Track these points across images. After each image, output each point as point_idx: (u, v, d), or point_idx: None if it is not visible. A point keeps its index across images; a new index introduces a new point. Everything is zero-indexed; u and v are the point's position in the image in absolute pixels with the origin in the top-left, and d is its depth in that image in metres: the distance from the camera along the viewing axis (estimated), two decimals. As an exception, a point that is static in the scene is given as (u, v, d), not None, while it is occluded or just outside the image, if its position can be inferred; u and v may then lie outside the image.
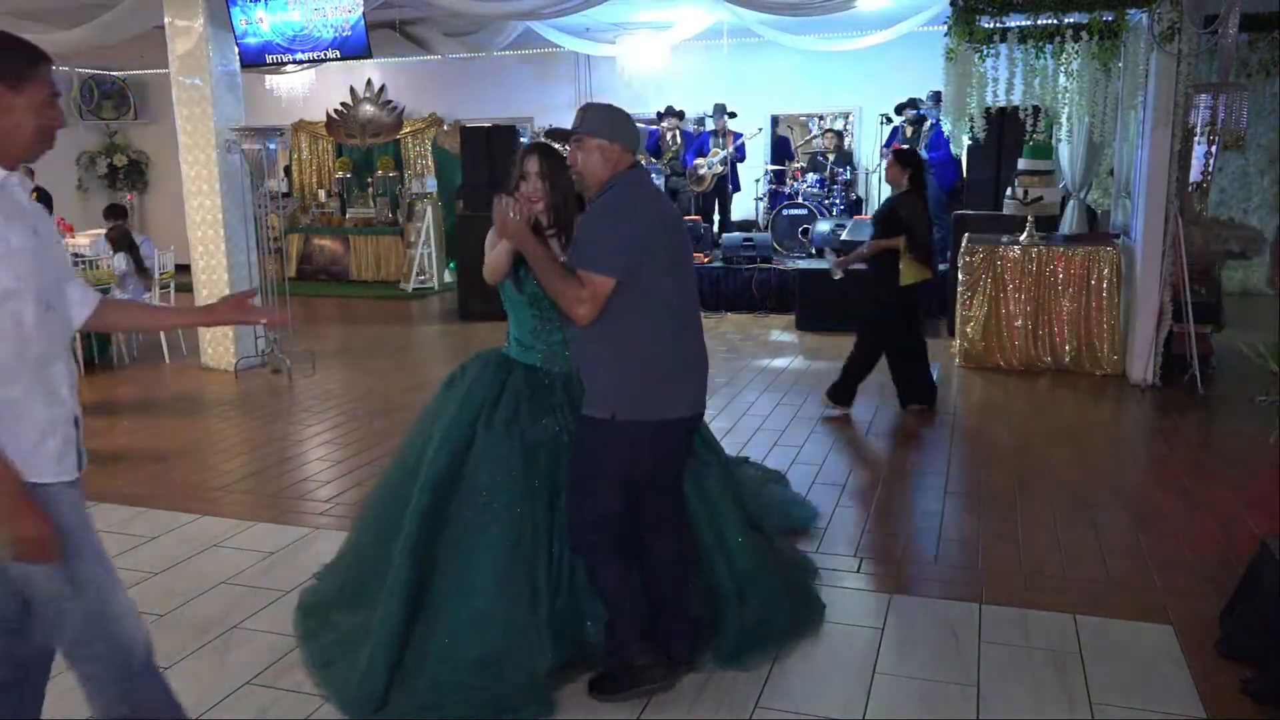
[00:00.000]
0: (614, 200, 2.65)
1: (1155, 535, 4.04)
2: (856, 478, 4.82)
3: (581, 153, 2.70)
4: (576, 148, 2.71)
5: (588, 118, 2.71)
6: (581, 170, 2.72)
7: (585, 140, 2.69)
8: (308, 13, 7.57)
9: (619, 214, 2.64)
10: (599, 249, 2.60)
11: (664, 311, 2.67)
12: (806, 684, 2.95)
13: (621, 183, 2.68)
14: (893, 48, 9.76)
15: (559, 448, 2.98)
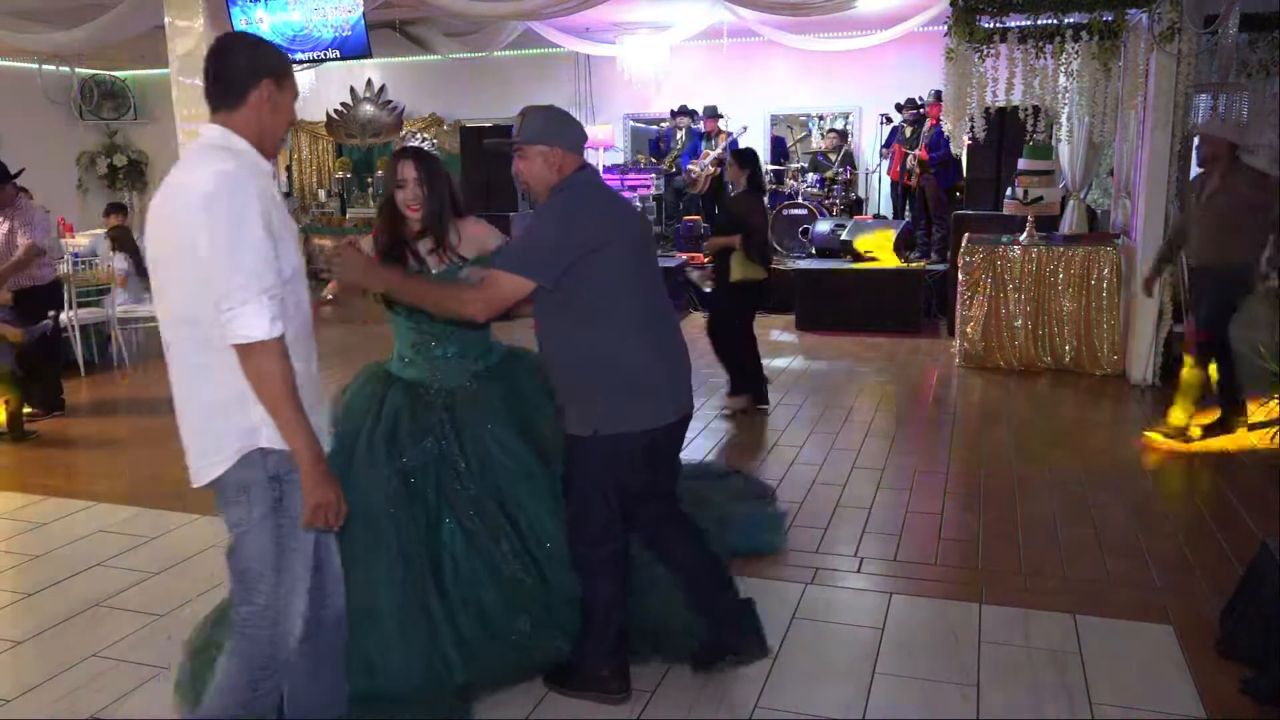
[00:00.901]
0: (559, 205, 2.59)
1: (1155, 535, 4.04)
2: (856, 477, 4.82)
3: (524, 161, 2.62)
4: (518, 157, 2.63)
5: (526, 124, 2.63)
6: (527, 179, 2.64)
7: (525, 149, 2.61)
8: (308, 13, 7.57)
9: (560, 219, 2.56)
10: (524, 253, 2.55)
11: (631, 315, 2.60)
12: (806, 684, 2.95)
13: (569, 186, 2.61)
14: (893, 48, 9.77)
15: (441, 469, 2.88)
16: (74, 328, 7.35)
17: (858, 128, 11.66)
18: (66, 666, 3.12)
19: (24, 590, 3.72)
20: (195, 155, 2.04)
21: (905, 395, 6.45)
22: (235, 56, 2.06)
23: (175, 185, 2.03)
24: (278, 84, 2.08)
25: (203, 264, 1.94)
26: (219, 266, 1.92)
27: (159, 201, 2.06)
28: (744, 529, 3.89)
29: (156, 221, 2.07)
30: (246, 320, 1.92)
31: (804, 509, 4.39)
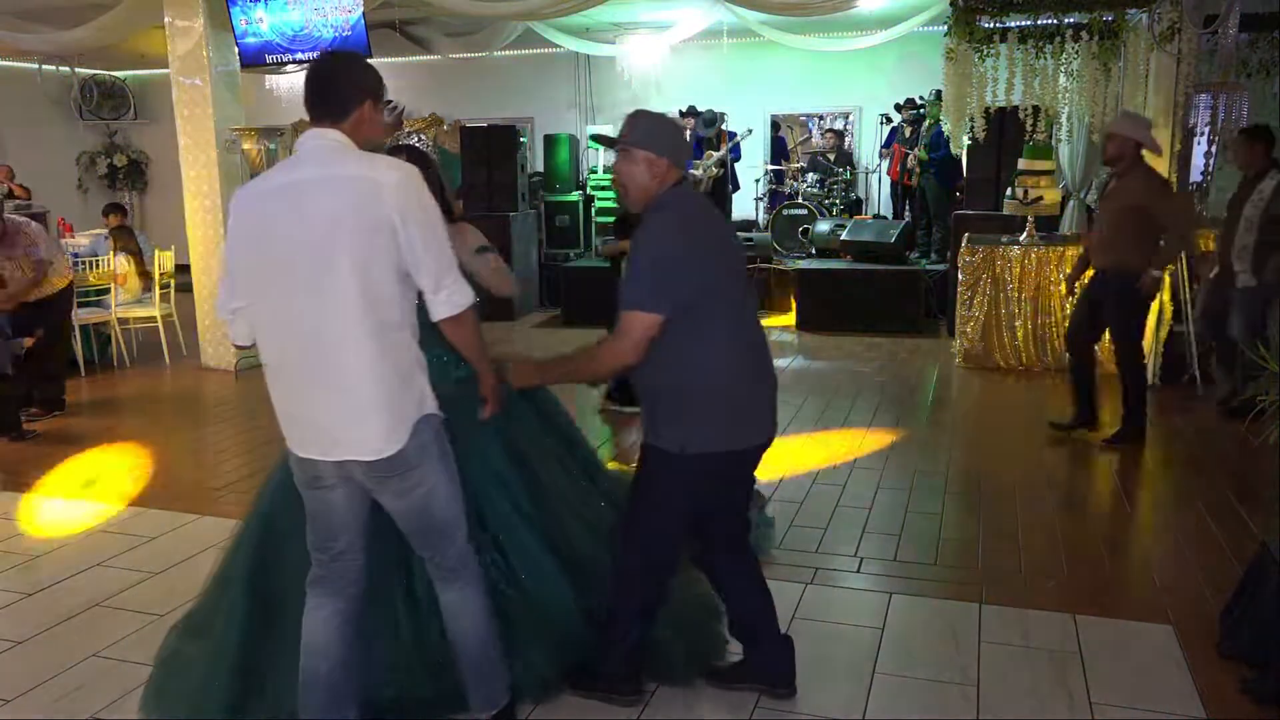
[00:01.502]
0: (662, 227, 2.48)
1: (1155, 535, 4.04)
2: (856, 478, 4.82)
3: (627, 164, 2.51)
4: (622, 158, 2.53)
5: (637, 126, 2.53)
6: (625, 183, 2.53)
7: (632, 151, 2.50)
8: (308, 13, 7.56)
9: (668, 243, 2.46)
10: (644, 288, 2.41)
11: (727, 337, 2.52)
12: (806, 684, 2.94)
13: (670, 203, 2.51)
14: (893, 48, 9.76)
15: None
16: (74, 327, 7.34)
17: (858, 128, 11.65)
18: (66, 666, 3.12)
19: (24, 590, 3.72)
20: (332, 153, 2.20)
21: (905, 395, 6.45)
22: (344, 74, 2.28)
23: (329, 179, 2.15)
24: (375, 103, 2.31)
25: (398, 250, 2.16)
26: (431, 250, 2.20)
27: (296, 198, 2.15)
28: None
29: (307, 217, 2.14)
30: (460, 291, 2.27)
31: (804, 509, 4.39)
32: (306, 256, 2.14)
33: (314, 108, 2.25)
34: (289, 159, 2.27)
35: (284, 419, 2.32)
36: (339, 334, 2.16)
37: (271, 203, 2.19)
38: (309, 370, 2.21)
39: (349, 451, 2.24)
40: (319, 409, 2.23)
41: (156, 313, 7.82)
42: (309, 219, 2.13)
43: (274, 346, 2.26)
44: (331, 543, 2.41)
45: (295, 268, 2.15)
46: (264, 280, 2.21)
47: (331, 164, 2.18)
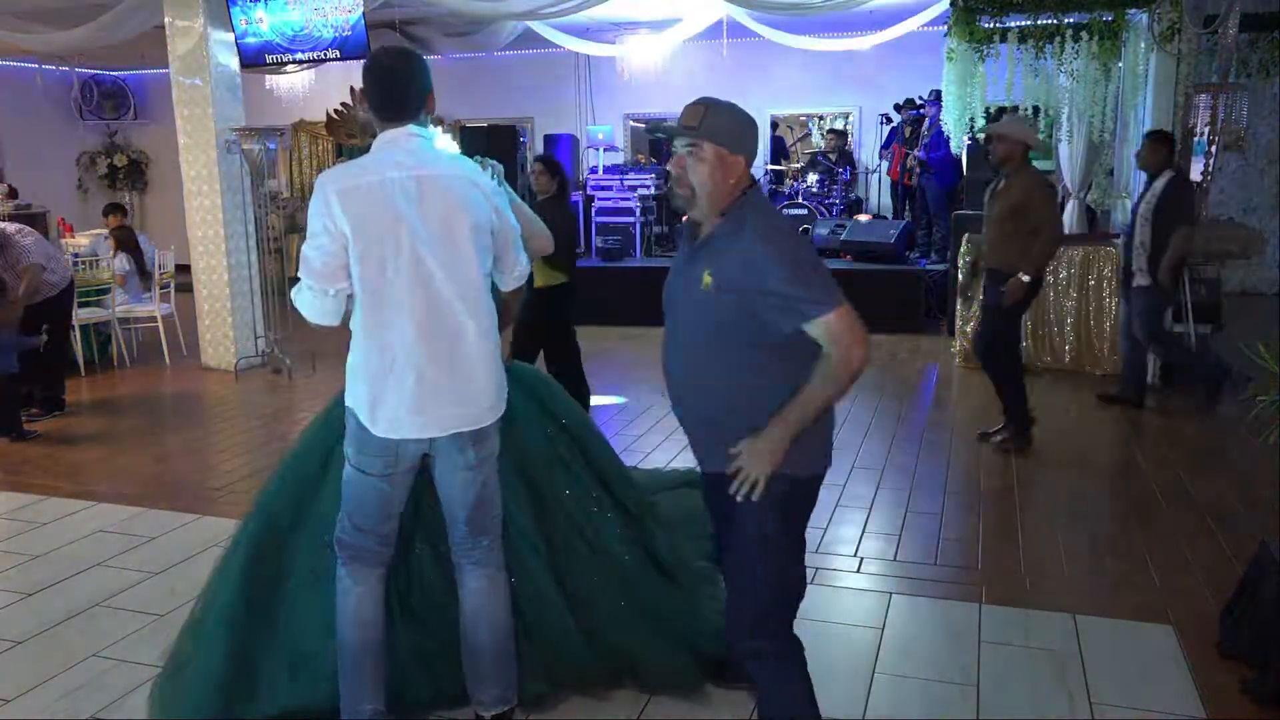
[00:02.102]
0: (778, 225, 2.19)
1: (1155, 535, 4.04)
2: (856, 478, 4.82)
3: (698, 161, 2.13)
4: (690, 153, 2.14)
5: (710, 118, 2.13)
6: (691, 183, 2.14)
7: (705, 147, 2.12)
8: (308, 13, 7.56)
9: (798, 238, 2.24)
10: (821, 282, 2.07)
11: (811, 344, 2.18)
12: (806, 684, 2.95)
13: (760, 207, 2.18)
14: (893, 48, 9.76)
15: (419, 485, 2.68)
16: (74, 327, 7.34)
17: (858, 128, 11.65)
18: (66, 666, 3.12)
19: (24, 590, 3.72)
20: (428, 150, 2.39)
21: (905, 395, 6.45)
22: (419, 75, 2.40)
23: (448, 177, 2.36)
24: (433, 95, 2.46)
25: (493, 237, 2.46)
26: (511, 234, 2.55)
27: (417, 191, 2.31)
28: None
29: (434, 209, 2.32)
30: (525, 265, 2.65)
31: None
32: (438, 244, 2.32)
33: (390, 109, 2.37)
34: (384, 152, 2.34)
35: (392, 400, 2.36)
36: (464, 314, 2.37)
37: (391, 193, 2.28)
38: (439, 348, 2.35)
39: (461, 423, 2.40)
40: (444, 384, 2.36)
41: (157, 312, 7.82)
42: (436, 209, 2.32)
43: (404, 327, 2.33)
44: (384, 525, 2.50)
45: (429, 255, 2.31)
46: (398, 265, 2.30)
47: (438, 161, 2.38)
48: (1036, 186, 4.90)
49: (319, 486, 2.83)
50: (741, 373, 2.15)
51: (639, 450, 5.27)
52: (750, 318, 2.09)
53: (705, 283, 2.11)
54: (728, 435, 2.17)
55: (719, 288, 2.10)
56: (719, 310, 2.11)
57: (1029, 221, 4.84)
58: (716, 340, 2.14)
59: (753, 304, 2.06)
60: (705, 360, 2.18)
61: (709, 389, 2.20)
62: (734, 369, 2.15)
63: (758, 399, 2.15)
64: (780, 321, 2.07)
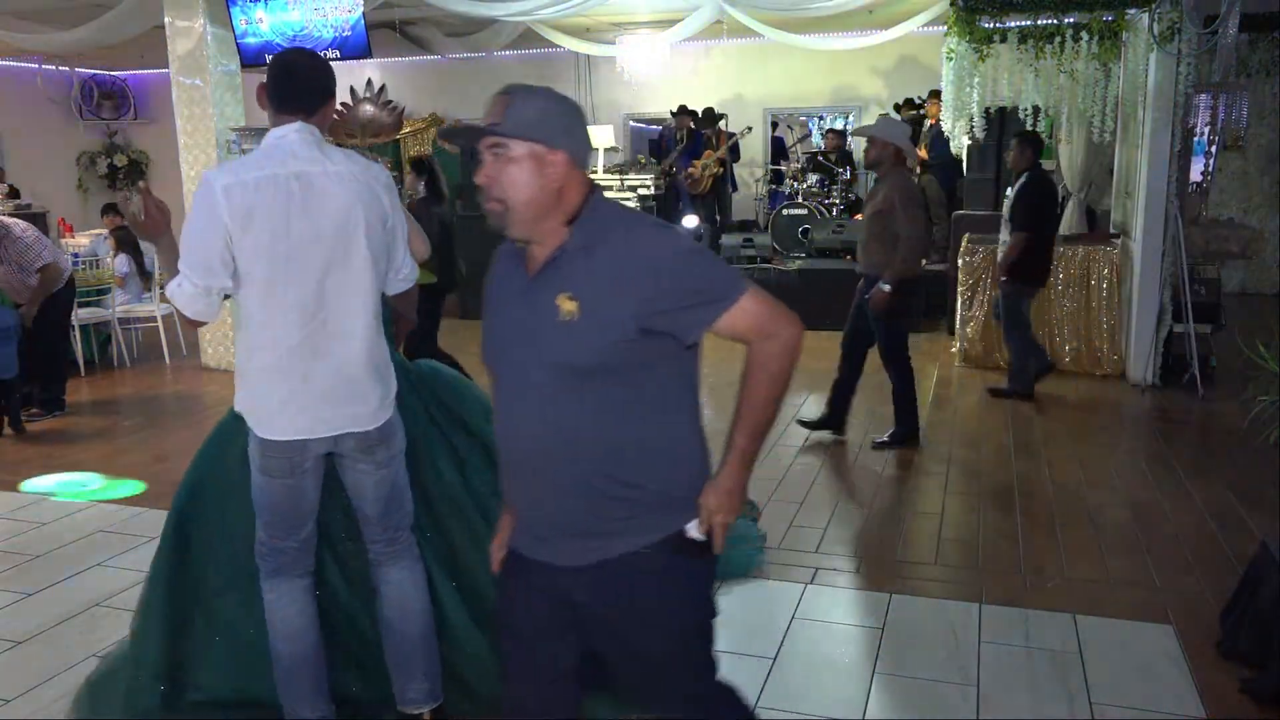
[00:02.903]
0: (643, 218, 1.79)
1: (1155, 535, 4.04)
2: (856, 478, 4.82)
3: (508, 164, 1.68)
4: (496, 156, 1.69)
5: (520, 109, 1.68)
6: (502, 195, 1.68)
7: (511, 146, 1.68)
8: (308, 13, 7.56)
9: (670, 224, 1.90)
10: (722, 262, 1.82)
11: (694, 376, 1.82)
12: (806, 684, 2.95)
13: (617, 209, 1.79)
14: (893, 48, 9.76)
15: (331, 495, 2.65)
16: (74, 327, 7.35)
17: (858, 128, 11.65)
18: (66, 666, 3.12)
19: (24, 590, 3.72)
20: (320, 147, 2.34)
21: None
22: (320, 71, 2.42)
23: (337, 174, 2.32)
24: (334, 99, 2.49)
25: (389, 238, 2.44)
26: (401, 233, 2.52)
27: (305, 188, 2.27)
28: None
29: (323, 208, 2.29)
30: (413, 267, 2.62)
31: (804, 509, 4.39)
32: (329, 243, 2.29)
33: (290, 101, 2.35)
34: (275, 148, 2.30)
35: (278, 401, 2.33)
36: (351, 313, 2.35)
37: (278, 190, 2.25)
38: (325, 347, 2.33)
39: (353, 423, 2.39)
40: (330, 384, 2.35)
41: (156, 312, 7.82)
42: (326, 209, 2.29)
43: (289, 326, 2.30)
44: (300, 528, 2.48)
45: (318, 253, 2.29)
46: (284, 263, 2.26)
47: (327, 159, 2.33)
48: (901, 191, 4.86)
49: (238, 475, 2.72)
50: (633, 415, 1.70)
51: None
52: (639, 339, 1.65)
53: (566, 310, 1.66)
54: (616, 504, 1.71)
55: (589, 311, 1.65)
56: (592, 339, 1.65)
57: (892, 228, 4.84)
58: (593, 379, 1.67)
59: (644, 318, 1.64)
60: (579, 409, 1.69)
61: (588, 446, 1.70)
62: (621, 412, 1.69)
63: (659, 446, 1.73)
64: (688, 326, 1.68)
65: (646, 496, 1.73)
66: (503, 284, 1.81)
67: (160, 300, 7.91)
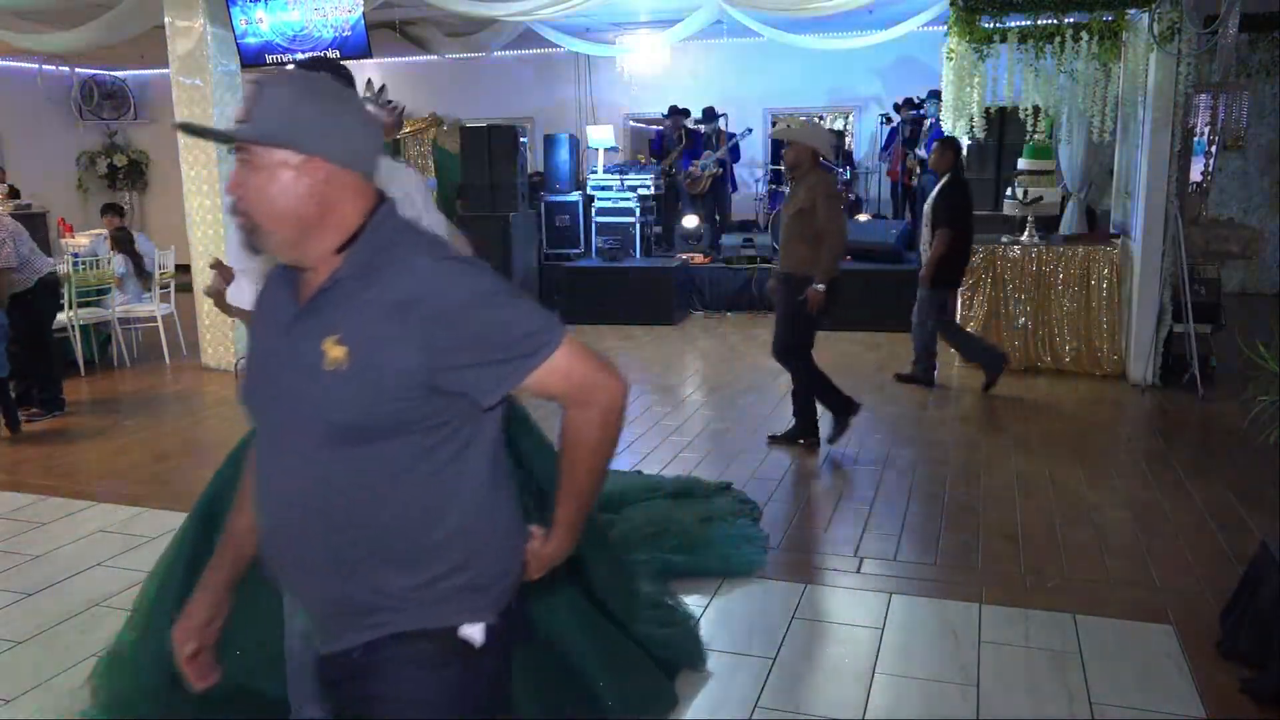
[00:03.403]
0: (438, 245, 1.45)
1: (1155, 535, 4.04)
2: (856, 478, 4.82)
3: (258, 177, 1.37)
4: (247, 164, 1.37)
5: (266, 105, 1.36)
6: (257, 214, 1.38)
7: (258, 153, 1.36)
8: (308, 13, 7.56)
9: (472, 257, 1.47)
10: (534, 306, 1.43)
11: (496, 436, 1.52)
12: (806, 684, 2.95)
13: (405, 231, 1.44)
14: (893, 48, 9.76)
15: None
16: (74, 328, 7.35)
17: (858, 128, 11.66)
18: (66, 666, 3.12)
19: (24, 590, 3.72)
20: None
21: (905, 395, 6.45)
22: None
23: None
24: None
25: None
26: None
27: None
28: (718, 550, 3.78)
29: None
30: None
31: (804, 509, 4.39)
32: None
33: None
34: None
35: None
36: None
37: None
38: None
39: None
40: None
41: (157, 312, 7.82)
42: None
43: None
44: None
45: None
46: None
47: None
48: (821, 192, 4.92)
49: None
50: (412, 488, 1.40)
51: (637, 452, 5.27)
52: (422, 397, 1.36)
53: (331, 358, 1.35)
54: (380, 595, 1.42)
55: (360, 361, 1.34)
56: (362, 395, 1.34)
57: (814, 226, 4.91)
58: (362, 443, 1.37)
59: (430, 374, 1.34)
60: (344, 477, 1.39)
61: (352, 522, 1.40)
62: (397, 484, 1.39)
63: (444, 526, 1.42)
64: (485, 387, 1.38)
65: (418, 586, 1.42)
66: (269, 314, 1.47)
67: (160, 300, 7.91)
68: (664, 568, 3.56)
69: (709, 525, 3.97)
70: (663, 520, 3.92)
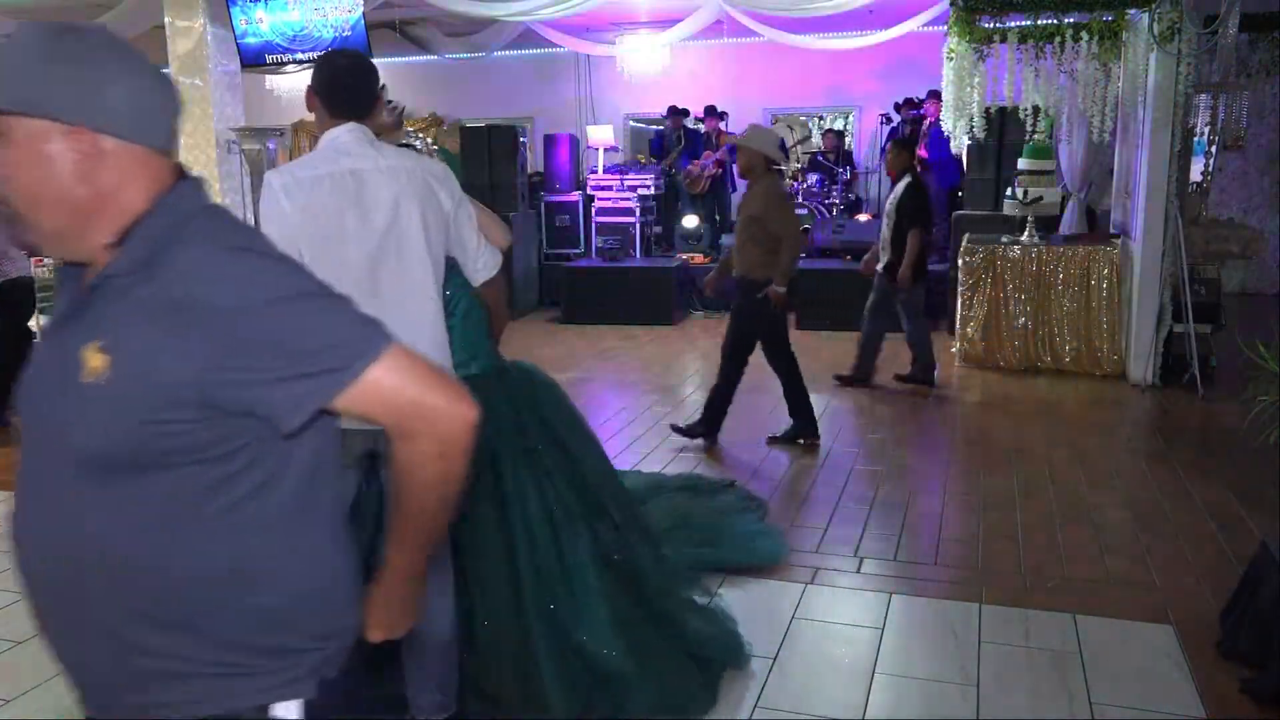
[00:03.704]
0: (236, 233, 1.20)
1: (1155, 535, 4.04)
2: (856, 477, 4.82)
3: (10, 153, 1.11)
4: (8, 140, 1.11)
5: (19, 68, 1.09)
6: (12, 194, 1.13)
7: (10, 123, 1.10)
8: (308, 13, 7.56)
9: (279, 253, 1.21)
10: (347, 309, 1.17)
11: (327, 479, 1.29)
12: (806, 684, 2.95)
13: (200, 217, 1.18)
14: (893, 47, 9.76)
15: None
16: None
17: (857, 128, 11.66)
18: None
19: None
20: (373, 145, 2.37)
21: (905, 395, 6.45)
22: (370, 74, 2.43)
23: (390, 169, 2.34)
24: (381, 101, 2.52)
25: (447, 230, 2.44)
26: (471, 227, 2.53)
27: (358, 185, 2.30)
28: (740, 544, 3.82)
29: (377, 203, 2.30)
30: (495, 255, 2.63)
31: (804, 509, 4.39)
32: (381, 236, 2.31)
33: (343, 104, 2.39)
34: (328, 148, 2.35)
35: None
36: (412, 309, 2.35)
37: (332, 187, 2.29)
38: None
39: None
40: None
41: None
42: (379, 203, 2.31)
43: None
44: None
45: (371, 246, 2.31)
46: (340, 259, 2.29)
47: (380, 155, 2.35)
48: (773, 196, 5.04)
49: None
50: (185, 532, 1.14)
51: (637, 451, 5.27)
52: (202, 418, 1.11)
53: (91, 368, 1.10)
54: (161, 659, 1.16)
55: (123, 371, 1.09)
56: (123, 413, 1.09)
57: (769, 230, 4.98)
58: (131, 474, 1.12)
59: (207, 388, 1.09)
60: (99, 518, 1.13)
61: (114, 572, 1.14)
62: (165, 527, 1.14)
63: (239, 579, 1.16)
64: (281, 407, 1.11)
65: (213, 657, 1.16)
66: (54, 317, 1.23)
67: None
68: (694, 562, 3.57)
69: (724, 518, 4.02)
70: (683, 514, 3.95)
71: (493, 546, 2.73)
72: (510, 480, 2.76)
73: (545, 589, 2.72)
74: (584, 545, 2.84)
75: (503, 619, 2.68)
